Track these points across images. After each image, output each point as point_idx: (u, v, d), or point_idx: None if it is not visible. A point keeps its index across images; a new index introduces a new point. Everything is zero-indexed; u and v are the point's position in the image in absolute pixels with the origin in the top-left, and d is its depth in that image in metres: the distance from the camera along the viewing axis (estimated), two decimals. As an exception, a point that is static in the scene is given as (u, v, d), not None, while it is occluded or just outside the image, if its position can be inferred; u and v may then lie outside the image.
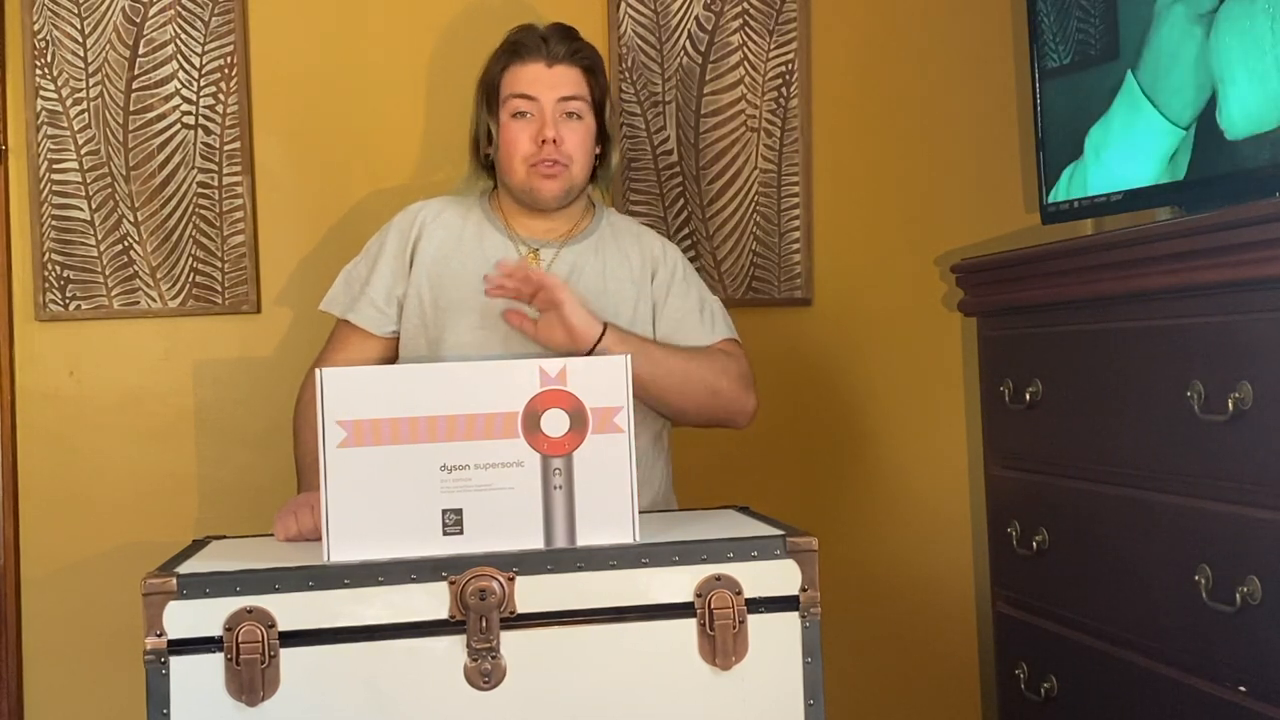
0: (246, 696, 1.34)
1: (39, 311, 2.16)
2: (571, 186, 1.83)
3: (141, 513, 2.18)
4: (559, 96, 1.80)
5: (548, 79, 1.80)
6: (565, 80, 1.81)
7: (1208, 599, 1.58)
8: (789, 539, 1.44)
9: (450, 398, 1.41)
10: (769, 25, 2.34)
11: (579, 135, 1.82)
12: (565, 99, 1.80)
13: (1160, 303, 1.69)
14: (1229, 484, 1.56)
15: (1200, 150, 1.86)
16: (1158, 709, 1.70)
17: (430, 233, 1.87)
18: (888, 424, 2.40)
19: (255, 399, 2.21)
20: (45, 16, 2.17)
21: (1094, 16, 2.09)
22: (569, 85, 1.81)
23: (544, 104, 1.79)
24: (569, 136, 1.80)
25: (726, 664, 1.40)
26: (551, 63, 1.81)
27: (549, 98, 1.80)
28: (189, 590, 1.35)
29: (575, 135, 1.81)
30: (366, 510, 1.40)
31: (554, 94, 1.80)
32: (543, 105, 1.80)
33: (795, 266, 2.34)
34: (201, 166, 2.20)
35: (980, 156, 2.42)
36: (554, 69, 1.81)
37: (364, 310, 1.87)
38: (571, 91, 1.81)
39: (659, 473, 1.89)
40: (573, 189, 1.83)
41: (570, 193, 1.83)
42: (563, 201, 1.83)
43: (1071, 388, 1.90)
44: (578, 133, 1.81)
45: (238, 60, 2.20)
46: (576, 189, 1.84)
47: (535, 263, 1.85)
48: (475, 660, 1.37)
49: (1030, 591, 2.04)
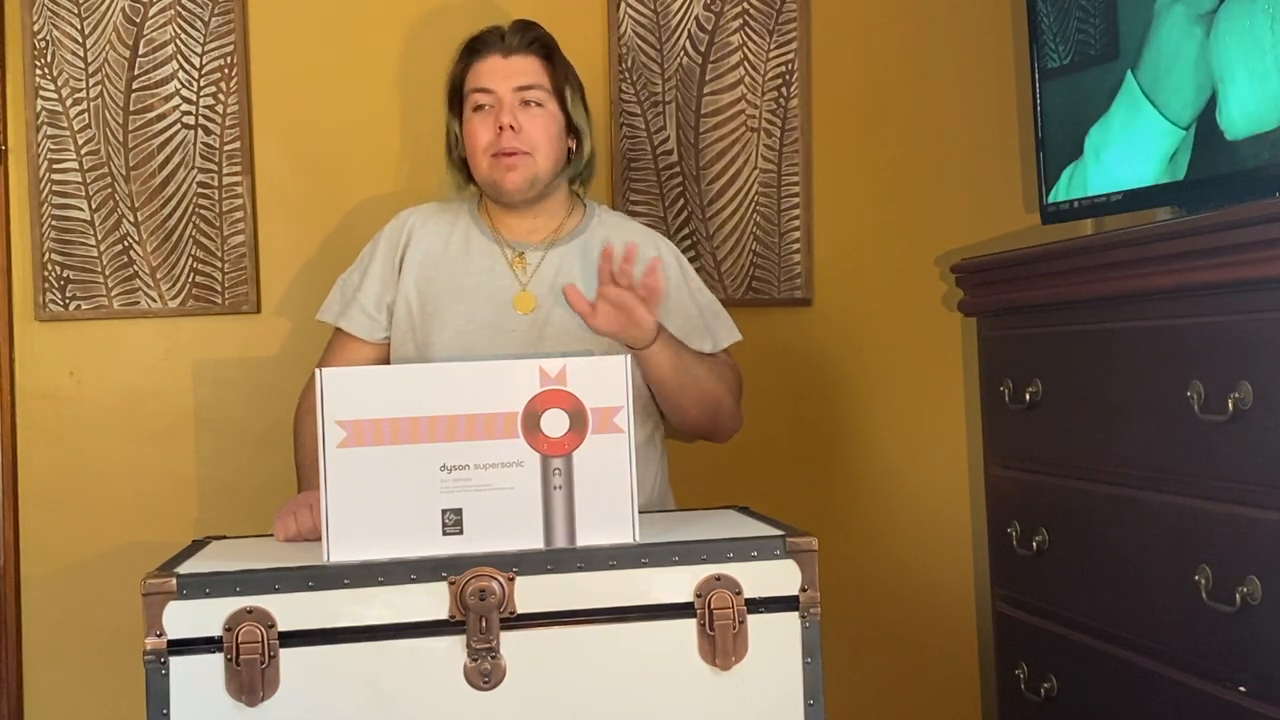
0: (246, 697, 1.34)
1: (39, 311, 2.16)
2: (535, 176, 1.82)
3: (141, 513, 2.18)
4: (515, 86, 1.81)
5: (504, 69, 1.82)
6: (521, 69, 1.82)
7: (1208, 599, 1.58)
8: (789, 539, 1.44)
9: (450, 398, 1.41)
10: (769, 25, 2.34)
11: (540, 122, 1.81)
12: (522, 88, 1.81)
13: (1160, 303, 1.69)
14: (1229, 484, 1.56)
15: (1200, 150, 1.85)
16: (1158, 709, 1.70)
17: (418, 240, 1.88)
18: (888, 424, 2.40)
19: (255, 399, 2.21)
20: (45, 16, 2.17)
21: (1094, 16, 2.09)
22: (525, 74, 1.82)
23: (501, 94, 1.81)
24: (528, 124, 1.80)
25: (726, 664, 1.40)
26: (507, 54, 1.82)
27: (505, 87, 1.81)
28: (189, 590, 1.35)
29: (536, 122, 1.81)
30: (366, 510, 1.40)
31: (510, 83, 1.81)
32: (500, 96, 1.81)
33: (795, 266, 2.34)
34: (201, 166, 2.20)
35: (980, 156, 2.42)
36: (510, 59, 1.82)
37: (355, 317, 1.89)
38: (528, 80, 1.82)
39: (653, 472, 1.89)
40: (537, 179, 1.82)
41: (535, 183, 1.82)
42: (528, 193, 1.83)
43: (1071, 388, 1.90)
44: (538, 119, 1.81)
45: (238, 60, 2.20)
46: (542, 180, 1.83)
47: (522, 265, 1.86)
48: (475, 660, 1.37)
49: (1030, 591, 2.04)
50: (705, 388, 1.82)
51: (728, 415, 1.90)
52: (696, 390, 1.81)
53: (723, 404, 1.87)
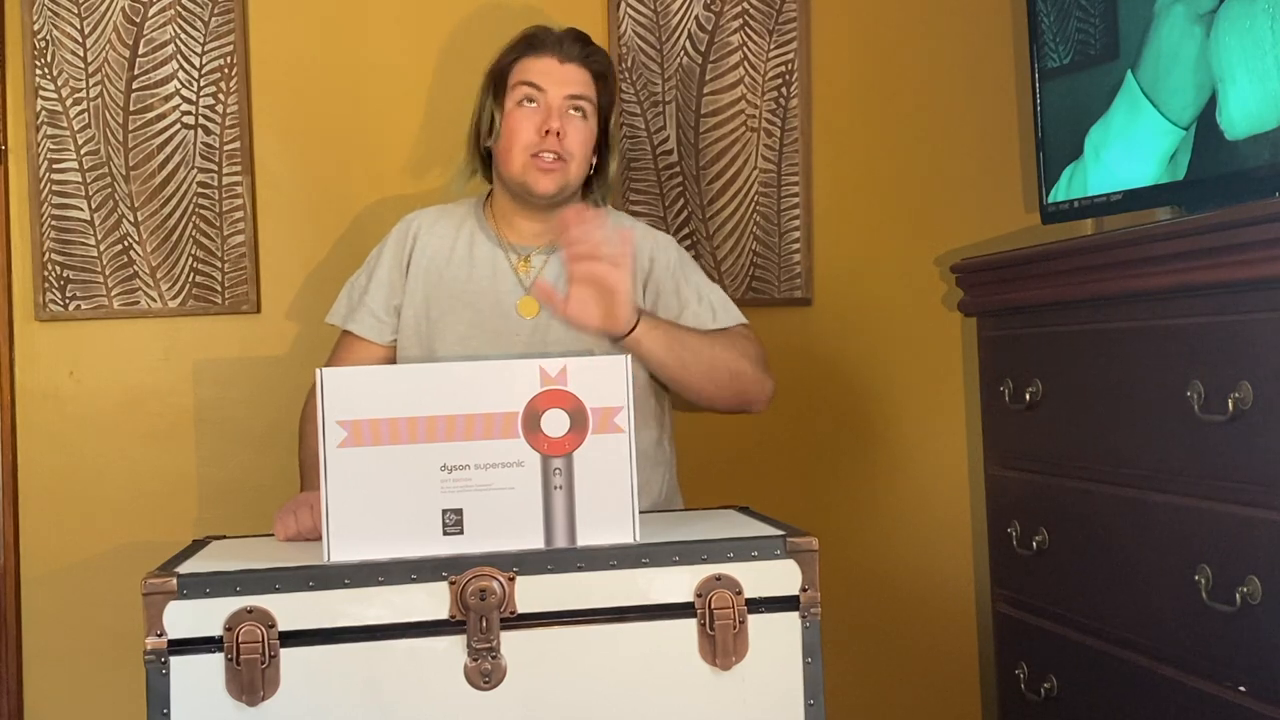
0: (246, 696, 1.34)
1: (39, 311, 2.16)
2: (567, 184, 1.82)
3: (141, 513, 2.18)
4: (567, 93, 1.81)
5: (559, 74, 1.81)
6: (575, 78, 1.82)
7: (1208, 599, 1.58)
8: (789, 539, 1.44)
9: (450, 398, 1.41)
10: (769, 25, 2.34)
11: (582, 134, 1.82)
12: (573, 96, 1.81)
13: (1160, 303, 1.69)
14: (1229, 484, 1.56)
15: (1200, 150, 1.85)
16: (1158, 709, 1.70)
17: (424, 243, 1.89)
18: (888, 424, 2.40)
19: (255, 399, 2.21)
20: (45, 16, 2.17)
21: (1094, 16, 2.09)
22: (578, 84, 1.82)
23: (551, 97, 1.80)
24: (572, 133, 1.81)
25: (727, 664, 1.40)
26: (564, 60, 1.82)
27: (557, 92, 1.80)
28: (189, 590, 1.35)
29: (578, 133, 1.81)
30: (366, 510, 1.40)
31: (562, 89, 1.81)
32: (550, 98, 1.80)
33: (795, 266, 2.34)
34: (201, 166, 2.20)
35: (980, 156, 2.42)
36: (565, 66, 1.82)
37: (363, 319, 1.89)
38: (580, 91, 1.82)
39: (659, 477, 1.89)
40: (568, 187, 1.83)
41: (565, 190, 1.83)
42: (556, 199, 1.83)
43: (1071, 388, 1.90)
44: (581, 131, 1.82)
45: (238, 60, 2.20)
46: (571, 188, 1.84)
47: (526, 269, 1.86)
48: (475, 660, 1.37)
49: (1030, 591, 2.04)
50: (713, 359, 1.79)
51: (752, 381, 1.83)
52: (703, 364, 1.78)
53: (741, 371, 1.81)
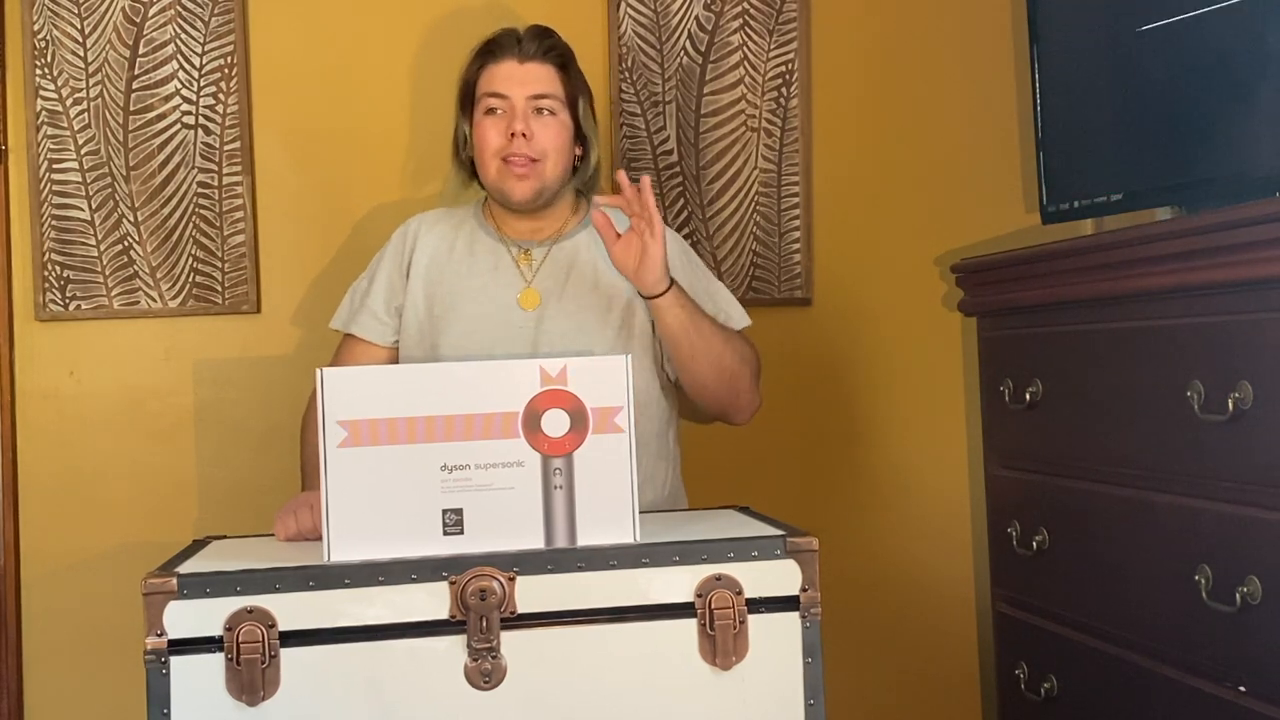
0: (247, 696, 1.34)
1: (39, 311, 2.16)
2: (544, 186, 1.82)
3: (141, 513, 2.18)
4: (530, 94, 1.81)
5: (519, 75, 1.82)
6: (537, 77, 1.82)
7: (1208, 599, 1.58)
8: (789, 539, 1.44)
9: (450, 398, 1.42)
10: (769, 25, 2.34)
11: (551, 131, 1.82)
12: (536, 96, 1.81)
13: (1160, 303, 1.69)
14: (1229, 484, 1.56)
15: (1200, 150, 1.85)
16: (1158, 709, 1.70)
17: (424, 244, 1.90)
18: (888, 424, 2.40)
19: (255, 399, 2.21)
20: (45, 16, 2.16)
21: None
22: (540, 82, 1.82)
23: (515, 100, 1.81)
24: (540, 132, 1.81)
25: (727, 664, 1.40)
26: (523, 60, 1.82)
27: (519, 94, 1.81)
28: (189, 590, 1.35)
29: (547, 131, 1.81)
30: (367, 510, 1.40)
31: (525, 90, 1.81)
32: (514, 102, 1.81)
33: (795, 266, 2.34)
34: (201, 166, 2.20)
35: (980, 156, 2.42)
36: (526, 65, 1.82)
37: (365, 321, 1.90)
38: (543, 89, 1.82)
39: (662, 471, 1.89)
40: (545, 189, 1.83)
41: (543, 193, 1.83)
42: (535, 203, 1.83)
43: (1071, 388, 1.90)
44: (550, 128, 1.82)
45: (238, 60, 2.20)
46: (550, 189, 1.84)
47: (527, 262, 1.86)
48: (475, 660, 1.37)
49: (1030, 591, 2.04)
50: (721, 353, 1.80)
51: (745, 391, 1.87)
52: (712, 356, 1.79)
53: (739, 378, 1.84)
